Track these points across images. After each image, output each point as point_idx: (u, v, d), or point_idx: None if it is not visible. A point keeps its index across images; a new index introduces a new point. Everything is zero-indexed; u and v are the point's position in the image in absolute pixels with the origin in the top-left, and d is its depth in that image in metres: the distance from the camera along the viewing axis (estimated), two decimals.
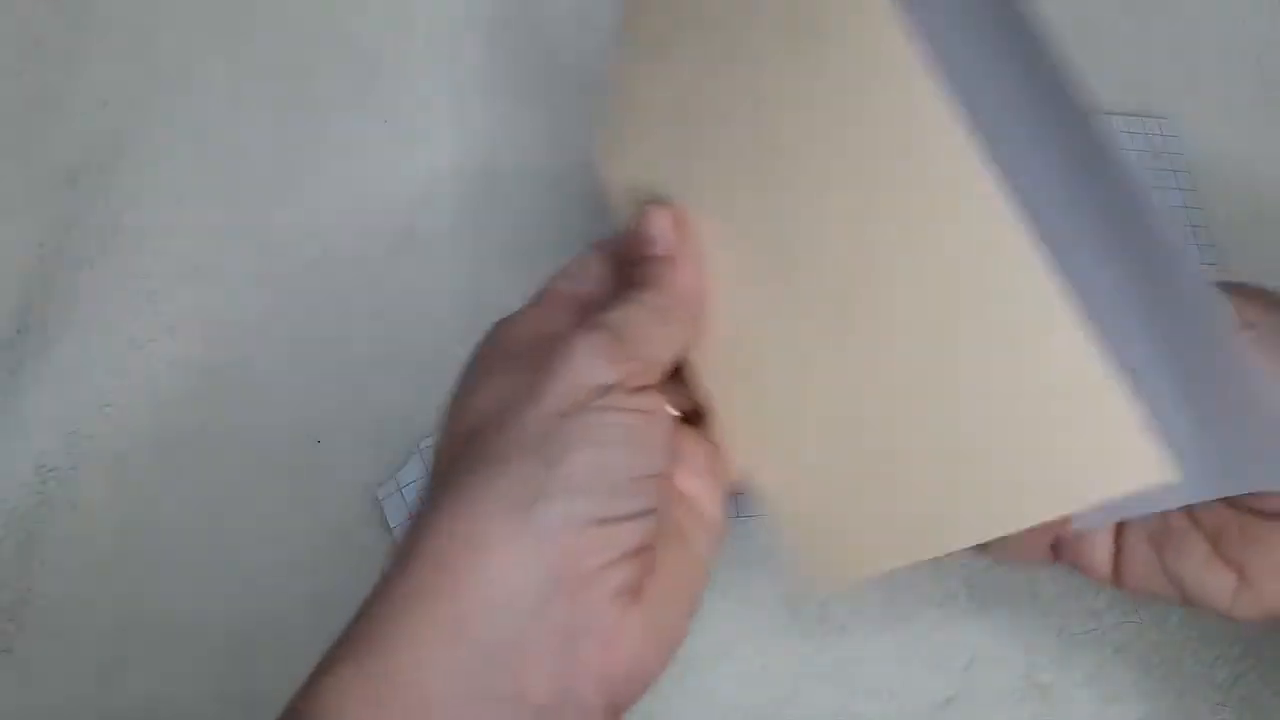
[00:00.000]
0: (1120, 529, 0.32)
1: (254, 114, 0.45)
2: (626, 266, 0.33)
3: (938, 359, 0.28)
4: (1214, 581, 0.30)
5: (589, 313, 0.32)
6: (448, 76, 0.46)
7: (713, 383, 0.33)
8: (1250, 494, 0.29)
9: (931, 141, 0.27)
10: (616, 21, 0.33)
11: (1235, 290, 0.31)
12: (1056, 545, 0.33)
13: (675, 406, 0.32)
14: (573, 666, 0.27)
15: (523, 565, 0.26)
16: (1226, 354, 0.29)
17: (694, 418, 0.33)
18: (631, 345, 0.30)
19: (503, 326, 0.32)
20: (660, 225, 0.32)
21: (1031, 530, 0.27)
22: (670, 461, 0.30)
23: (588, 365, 0.29)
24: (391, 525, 0.39)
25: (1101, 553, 0.32)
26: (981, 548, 0.31)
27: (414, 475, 0.40)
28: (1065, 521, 0.31)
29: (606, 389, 0.29)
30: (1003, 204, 0.26)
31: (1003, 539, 0.27)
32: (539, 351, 0.29)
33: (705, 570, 0.31)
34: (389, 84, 0.46)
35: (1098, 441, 0.27)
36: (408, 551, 0.27)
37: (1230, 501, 0.30)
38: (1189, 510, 0.31)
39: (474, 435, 0.29)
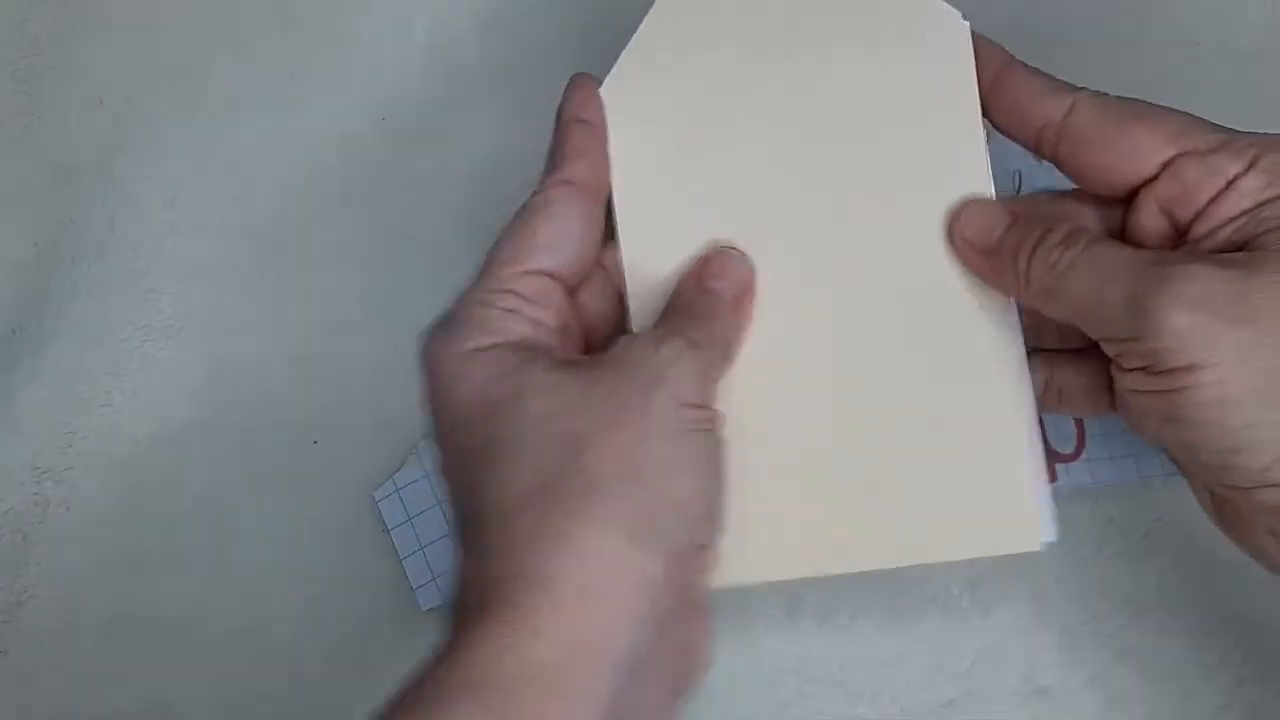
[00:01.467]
0: None
1: (252, 113, 0.45)
2: (684, 284, 0.31)
3: (898, 394, 0.31)
4: None
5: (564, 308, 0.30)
6: (448, 77, 0.46)
7: None
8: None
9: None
10: None
11: None
12: None
13: None
14: (680, 684, 0.28)
15: (651, 590, 0.26)
16: None
17: None
18: (711, 364, 0.30)
19: (488, 324, 0.29)
20: (737, 275, 0.31)
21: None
22: None
23: (690, 382, 0.28)
24: (389, 526, 0.39)
25: None
26: None
27: (411, 477, 0.39)
28: None
29: (699, 407, 0.28)
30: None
31: None
32: (617, 362, 0.28)
33: None
34: (388, 84, 0.46)
35: (997, 505, 0.31)
36: (535, 570, 0.25)
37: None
38: None
39: (571, 449, 0.27)
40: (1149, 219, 0.31)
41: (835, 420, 0.31)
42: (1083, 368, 0.33)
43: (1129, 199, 0.31)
